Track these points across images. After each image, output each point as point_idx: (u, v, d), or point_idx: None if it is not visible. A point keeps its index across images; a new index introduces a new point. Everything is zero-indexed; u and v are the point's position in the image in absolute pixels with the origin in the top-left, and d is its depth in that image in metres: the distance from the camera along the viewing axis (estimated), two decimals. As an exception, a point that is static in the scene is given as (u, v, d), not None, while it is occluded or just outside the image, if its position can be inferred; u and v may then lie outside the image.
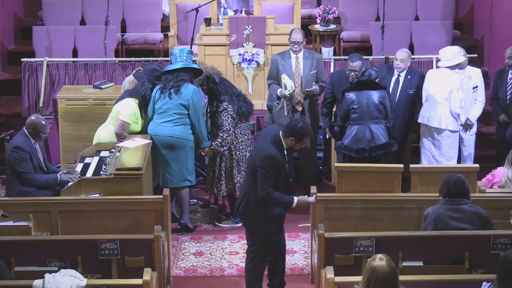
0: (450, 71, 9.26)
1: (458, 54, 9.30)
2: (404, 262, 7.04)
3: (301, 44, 9.44)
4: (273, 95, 9.59)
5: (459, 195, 7.07)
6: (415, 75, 9.57)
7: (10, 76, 11.78)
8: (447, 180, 7.13)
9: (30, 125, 8.19)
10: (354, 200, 7.82)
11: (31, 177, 8.10)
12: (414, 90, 9.49)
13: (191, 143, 8.94)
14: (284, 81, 9.33)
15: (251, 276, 7.46)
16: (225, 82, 9.16)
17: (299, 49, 9.44)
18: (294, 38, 9.44)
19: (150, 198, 7.92)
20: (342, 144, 8.99)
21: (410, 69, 9.60)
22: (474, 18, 12.55)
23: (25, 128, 8.22)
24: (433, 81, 9.33)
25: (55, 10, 12.14)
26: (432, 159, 9.35)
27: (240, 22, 10.50)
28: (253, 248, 7.41)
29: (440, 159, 9.30)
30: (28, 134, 8.18)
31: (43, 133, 8.24)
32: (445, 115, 9.25)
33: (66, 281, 6.34)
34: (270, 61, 9.74)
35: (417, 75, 9.58)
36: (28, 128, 8.18)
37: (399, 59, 9.48)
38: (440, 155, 9.30)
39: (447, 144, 9.30)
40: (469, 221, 7.09)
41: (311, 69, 9.44)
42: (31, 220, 7.57)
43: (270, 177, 7.06)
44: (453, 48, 9.43)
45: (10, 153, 8.11)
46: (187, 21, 11.71)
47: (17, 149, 8.08)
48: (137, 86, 9.04)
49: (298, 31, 9.59)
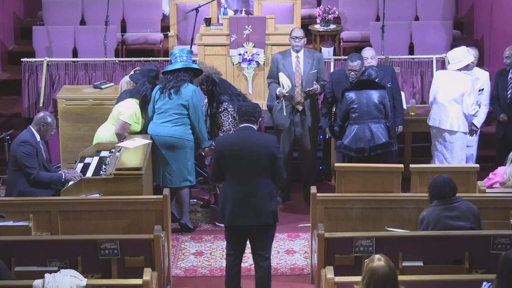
0: (460, 73, 9.21)
1: (467, 54, 9.27)
2: (404, 262, 7.04)
3: (302, 39, 9.43)
4: (272, 95, 9.58)
5: (452, 194, 7.10)
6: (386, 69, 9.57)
7: (10, 76, 11.78)
8: (437, 182, 7.14)
9: (42, 121, 8.12)
10: (354, 200, 7.82)
11: (36, 173, 8.05)
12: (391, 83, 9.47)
13: (191, 143, 8.94)
14: (281, 79, 9.32)
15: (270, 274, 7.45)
16: (224, 83, 9.17)
17: (300, 45, 9.43)
18: (295, 33, 9.44)
19: (150, 198, 7.93)
20: (342, 144, 8.99)
21: (379, 65, 9.58)
22: (474, 18, 12.55)
23: (33, 126, 8.16)
24: (443, 83, 9.28)
25: (55, 10, 12.14)
26: (444, 162, 9.30)
27: (240, 22, 10.50)
28: (270, 247, 7.37)
29: (452, 161, 9.23)
30: (35, 131, 8.15)
31: (51, 130, 8.23)
32: (456, 117, 9.20)
33: (66, 281, 6.34)
34: (271, 60, 9.73)
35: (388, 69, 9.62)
36: (40, 123, 8.13)
37: (369, 56, 9.44)
38: (452, 157, 9.25)
39: (459, 146, 9.26)
40: (465, 218, 7.13)
41: (312, 68, 9.43)
42: (31, 220, 7.58)
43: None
44: (461, 49, 9.36)
45: (16, 148, 8.04)
46: (187, 21, 11.71)
47: (25, 143, 8.02)
48: (138, 86, 9.03)
49: (298, 29, 9.65)
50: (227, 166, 7.17)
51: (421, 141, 10.00)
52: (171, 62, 9.08)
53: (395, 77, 9.64)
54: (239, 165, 7.12)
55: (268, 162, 7.12)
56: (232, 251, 7.38)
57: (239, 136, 7.32)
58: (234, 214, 7.17)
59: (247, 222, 7.16)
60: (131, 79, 9.29)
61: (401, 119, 9.53)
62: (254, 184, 7.14)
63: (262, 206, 7.14)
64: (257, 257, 7.34)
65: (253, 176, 7.13)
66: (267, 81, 9.64)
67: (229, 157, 7.14)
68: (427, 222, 7.15)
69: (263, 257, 7.31)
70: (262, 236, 7.26)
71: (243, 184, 7.14)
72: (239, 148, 7.14)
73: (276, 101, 9.45)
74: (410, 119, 9.95)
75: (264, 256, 7.31)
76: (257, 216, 7.14)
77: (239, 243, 7.36)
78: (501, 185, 8.02)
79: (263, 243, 7.29)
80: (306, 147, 9.54)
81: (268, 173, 7.16)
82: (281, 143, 9.25)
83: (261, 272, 7.33)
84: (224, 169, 7.20)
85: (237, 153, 7.12)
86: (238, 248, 7.38)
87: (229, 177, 7.21)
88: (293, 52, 9.46)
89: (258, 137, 7.27)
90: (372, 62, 9.40)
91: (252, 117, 7.24)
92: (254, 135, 7.24)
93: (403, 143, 10.05)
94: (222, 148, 7.22)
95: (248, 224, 7.16)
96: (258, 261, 7.34)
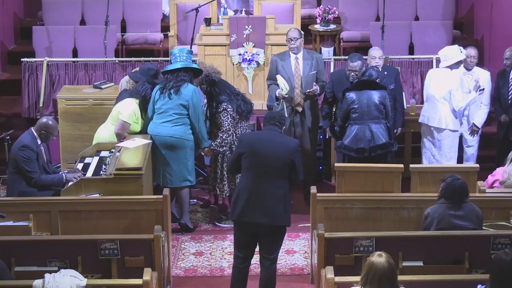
0: (449, 71, 9.26)
1: (457, 52, 9.29)
2: (404, 262, 7.04)
3: (297, 40, 9.41)
4: (272, 96, 9.58)
5: (461, 201, 7.12)
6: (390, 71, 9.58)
7: (10, 76, 11.78)
8: (451, 185, 7.14)
9: (43, 127, 8.13)
10: (354, 200, 7.82)
11: (37, 177, 8.07)
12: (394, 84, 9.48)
13: (191, 143, 8.94)
14: (279, 82, 9.31)
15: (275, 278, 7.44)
16: (222, 83, 9.16)
17: (295, 46, 9.41)
18: (289, 35, 9.43)
19: (150, 198, 7.93)
20: (342, 144, 8.99)
21: (384, 66, 9.60)
22: (474, 18, 12.55)
23: (34, 130, 8.16)
24: (434, 80, 9.33)
25: (55, 10, 12.14)
26: (432, 159, 9.35)
27: (240, 22, 10.50)
28: (277, 251, 7.36)
29: (440, 159, 9.30)
30: (37, 135, 8.15)
31: (53, 135, 8.23)
32: (445, 115, 9.24)
33: (66, 281, 6.35)
34: (270, 61, 9.72)
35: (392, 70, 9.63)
36: (40, 130, 8.14)
37: (377, 56, 9.45)
38: (440, 155, 9.31)
39: (447, 144, 9.30)
40: (469, 219, 7.16)
41: (311, 70, 9.42)
42: (31, 220, 7.57)
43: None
44: (451, 48, 9.43)
45: (17, 151, 8.06)
46: (187, 21, 11.71)
47: (25, 147, 8.03)
48: (137, 86, 9.03)
49: (293, 29, 9.61)
50: (246, 160, 7.21)
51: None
52: (171, 62, 9.08)
53: (398, 78, 9.64)
54: (258, 162, 7.17)
55: (286, 165, 7.17)
56: (240, 254, 7.35)
57: (264, 134, 7.38)
58: (245, 209, 7.18)
59: (257, 219, 7.15)
60: (130, 77, 9.30)
61: (401, 121, 9.54)
62: (269, 183, 7.16)
63: (274, 206, 7.15)
64: (264, 260, 7.32)
65: (269, 175, 7.16)
66: (267, 83, 9.64)
67: (250, 152, 7.20)
68: (431, 218, 7.16)
69: (270, 260, 7.30)
70: (271, 238, 7.24)
71: (258, 182, 7.17)
72: (262, 145, 7.21)
73: (275, 102, 9.45)
74: (410, 119, 9.96)
75: (271, 259, 7.30)
76: (268, 215, 7.14)
77: (249, 244, 7.33)
78: (501, 184, 8.03)
79: (272, 247, 7.28)
80: (306, 147, 9.53)
81: (285, 175, 7.20)
82: None
83: (267, 274, 7.32)
84: (242, 163, 7.24)
85: (258, 149, 7.19)
86: (247, 250, 7.34)
87: (246, 172, 7.24)
88: (292, 54, 9.45)
89: (282, 139, 7.32)
90: (380, 62, 9.42)
91: (278, 122, 7.36)
92: (278, 136, 7.31)
93: (403, 143, 10.05)
94: (246, 142, 7.30)
95: (258, 221, 7.15)
96: (265, 264, 7.33)
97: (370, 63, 9.32)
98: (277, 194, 7.14)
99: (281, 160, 7.15)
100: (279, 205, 7.14)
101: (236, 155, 7.33)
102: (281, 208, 7.15)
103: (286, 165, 7.16)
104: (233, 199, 7.44)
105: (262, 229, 7.19)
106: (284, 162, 7.15)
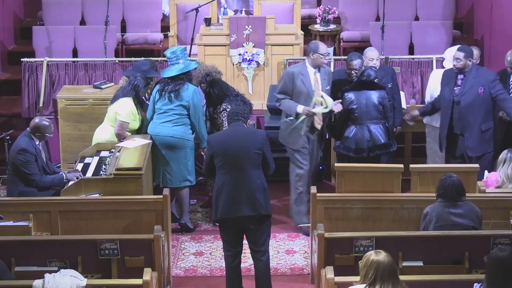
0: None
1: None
2: (404, 262, 7.04)
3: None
4: (289, 112, 8.81)
5: (458, 197, 7.12)
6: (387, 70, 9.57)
7: (10, 76, 11.78)
8: (445, 184, 7.15)
9: (35, 129, 8.14)
10: (354, 200, 7.82)
11: (38, 179, 8.09)
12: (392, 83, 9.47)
13: (191, 143, 8.95)
14: (323, 99, 8.69)
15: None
16: (221, 83, 9.16)
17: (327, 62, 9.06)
18: (325, 50, 8.82)
19: (150, 198, 7.93)
20: (341, 144, 8.99)
21: (381, 65, 9.57)
22: (474, 18, 12.55)
23: (29, 131, 8.19)
24: (437, 81, 9.29)
25: (55, 10, 12.14)
26: (437, 160, 9.32)
27: (240, 22, 10.50)
28: (267, 242, 7.41)
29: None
30: (33, 136, 8.15)
31: (48, 134, 8.23)
32: None
33: (66, 281, 6.35)
34: (284, 74, 8.95)
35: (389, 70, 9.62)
36: (34, 132, 8.14)
37: (375, 58, 9.43)
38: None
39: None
40: (468, 217, 7.16)
41: (327, 85, 8.98)
42: (31, 220, 7.57)
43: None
44: (454, 48, 9.41)
45: (15, 155, 8.07)
46: (187, 21, 11.72)
47: (22, 151, 8.04)
48: (129, 81, 9.01)
49: (324, 44, 9.06)
50: (218, 159, 7.28)
51: (421, 141, 9.98)
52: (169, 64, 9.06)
53: (395, 77, 9.63)
54: (230, 157, 7.25)
55: (258, 154, 7.26)
56: (230, 251, 7.39)
57: (229, 131, 7.51)
58: (228, 206, 7.24)
59: (241, 213, 7.21)
60: (125, 74, 9.34)
61: (399, 120, 9.52)
62: (246, 174, 7.23)
63: (256, 195, 7.22)
64: (255, 253, 7.39)
65: (244, 167, 7.24)
66: (278, 97, 8.87)
67: (220, 150, 7.29)
68: (430, 217, 7.17)
69: (261, 252, 7.37)
70: (258, 229, 7.29)
71: (235, 176, 7.25)
72: (230, 140, 7.32)
73: (292, 118, 8.79)
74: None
75: (262, 251, 7.36)
76: (251, 206, 7.21)
77: (236, 240, 7.38)
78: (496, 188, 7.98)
79: (260, 239, 7.33)
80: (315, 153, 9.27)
81: (259, 165, 7.31)
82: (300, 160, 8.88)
83: (260, 264, 7.39)
84: (216, 164, 7.31)
85: (228, 145, 7.28)
86: (235, 246, 7.39)
87: (220, 170, 7.30)
88: (310, 68, 8.83)
89: (247, 131, 7.46)
90: (377, 64, 9.41)
91: (242, 117, 7.46)
92: (243, 129, 7.42)
93: (403, 143, 10.04)
94: (214, 142, 7.39)
95: (242, 214, 7.21)
96: (257, 257, 7.39)
97: (367, 64, 9.28)
98: (256, 183, 7.24)
99: (252, 149, 7.25)
100: (260, 194, 7.24)
101: (208, 157, 7.41)
102: (262, 197, 7.25)
103: (257, 155, 7.27)
104: (213, 200, 7.48)
105: (248, 221, 7.25)
106: (255, 151, 7.26)
